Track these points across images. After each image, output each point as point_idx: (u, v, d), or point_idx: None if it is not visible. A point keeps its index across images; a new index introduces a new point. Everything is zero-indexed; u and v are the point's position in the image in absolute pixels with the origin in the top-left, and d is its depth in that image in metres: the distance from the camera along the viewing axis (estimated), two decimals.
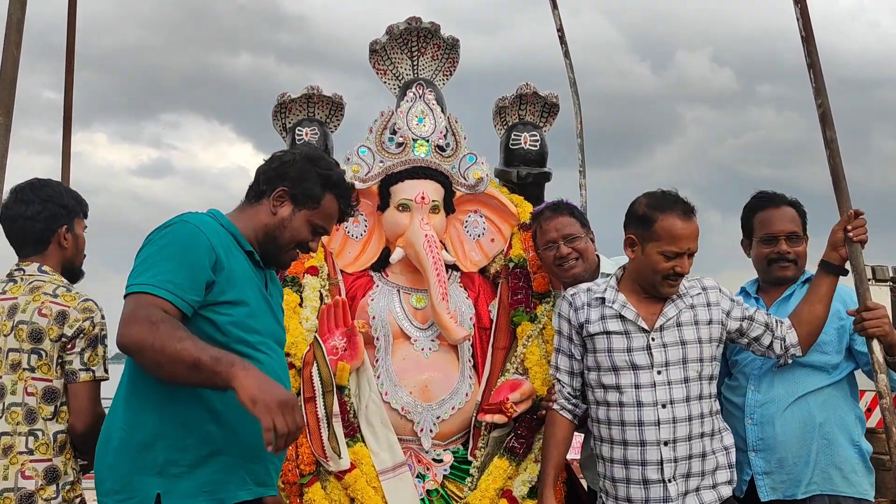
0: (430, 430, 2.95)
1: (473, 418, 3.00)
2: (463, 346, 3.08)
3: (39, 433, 2.32)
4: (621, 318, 2.46)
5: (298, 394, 2.87)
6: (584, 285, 2.62)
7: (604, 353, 2.46)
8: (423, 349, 3.05)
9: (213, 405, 1.93)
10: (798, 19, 2.74)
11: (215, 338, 1.91)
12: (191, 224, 1.96)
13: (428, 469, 2.95)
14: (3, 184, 2.42)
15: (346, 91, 3.67)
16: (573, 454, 3.12)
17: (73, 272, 2.56)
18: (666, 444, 2.37)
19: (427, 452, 2.96)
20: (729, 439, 2.50)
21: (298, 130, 3.45)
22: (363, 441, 2.87)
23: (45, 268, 2.47)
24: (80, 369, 2.35)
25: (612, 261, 3.01)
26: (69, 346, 2.35)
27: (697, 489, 2.40)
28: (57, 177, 3.31)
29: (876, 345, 2.52)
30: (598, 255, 3.04)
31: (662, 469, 2.37)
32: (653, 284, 2.47)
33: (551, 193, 3.62)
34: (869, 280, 2.65)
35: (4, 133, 2.30)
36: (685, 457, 2.38)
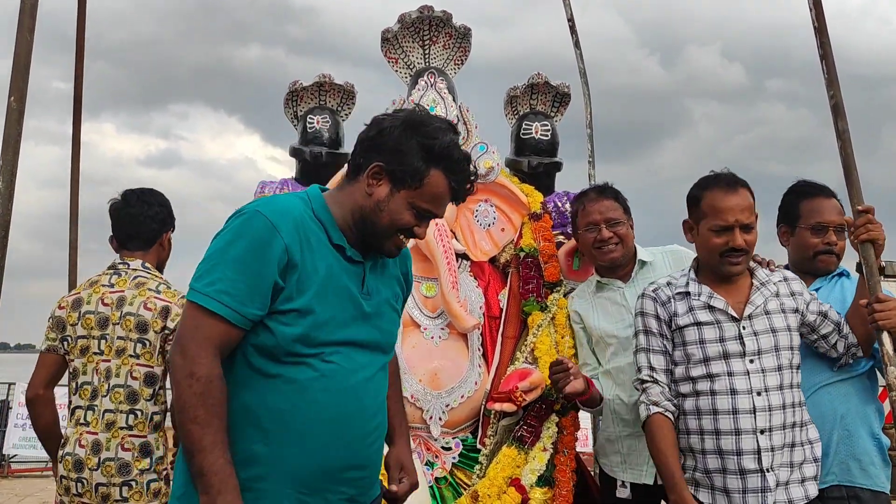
0: (440, 418, 2.98)
1: (482, 407, 3.03)
2: (472, 335, 3.11)
3: (139, 412, 2.64)
4: (710, 308, 2.43)
5: None
6: (662, 280, 2.57)
7: (695, 345, 2.41)
8: (432, 337, 3.07)
9: (262, 422, 1.71)
10: (811, 9, 2.74)
11: (272, 351, 1.71)
12: (263, 217, 1.70)
13: (437, 457, 2.98)
14: (16, 170, 2.45)
15: (355, 83, 3.67)
16: (580, 447, 3.13)
17: (160, 271, 2.88)
18: (763, 432, 2.32)
19: (436, 440, 2.99)
20: (814, 433, 2.45)
21: (310, 118, 3.47)
22: None
23: (147, 264, 2.80)
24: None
25: (649, 250, 3.01)
26: (171, 337, 2.63)
27: (787, 483, 2.35)
28: (66, 166, 3.38)
29: (886, 337, 2.52)
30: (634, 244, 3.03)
31: (760, 458, 2.31)
32: (714, 266, 2.45)
33: (560, 184, 3.64)
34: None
35: (18, 118, 2.32)
36: (781, 446, 2.34)
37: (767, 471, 2.31)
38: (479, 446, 3.02)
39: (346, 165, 3.35)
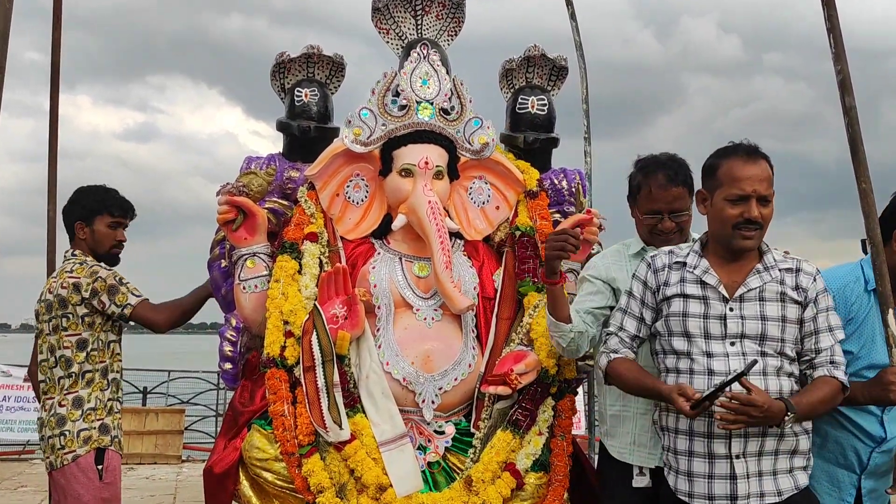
0: (432, 402, 2.97)
1: (476, 390, 3.02)
2: (466, 316, 3.09)
3: (73, 374, 3.26)
4: (702, 283, 2.41)
5: (297, 363, 2.90)
6: (666, 248, 2.57)
7: (678, 318, 2.40)
8: (425, 319, 3.06)
9: None
10: None
11: None
12: None
13: (429, 441, 2.98)
14: None
15: (343, 56, 3.62)
16: (574, 430, 3.13)
17: (101, 258, 3.40)
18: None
19: (429, 424, 2.99)
20: (809, 423, 2.41)
21: (298, 91, 3.42)
22: (363, 412, 2.90)
23: (75, 252, 3.41)
24: (120, 309, 3.25)
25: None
26: (98, 304, 3.25)
27: (774, 473, 2.33)
28: (41, 139, 3.48)
29: (891, 317, 2.53)
30: None
31: (730, 444, 2.29)
32: (726, 239, 2.40)
33: (557, 161, 3.62)
34: None
35: None
36: (757, 433, 2.29)
37: (737, 457, 2.29)
38: (472, 430, 3.01)
39: (333, 141, 3.34)
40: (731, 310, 2.37)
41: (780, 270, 2.43)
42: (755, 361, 2.29)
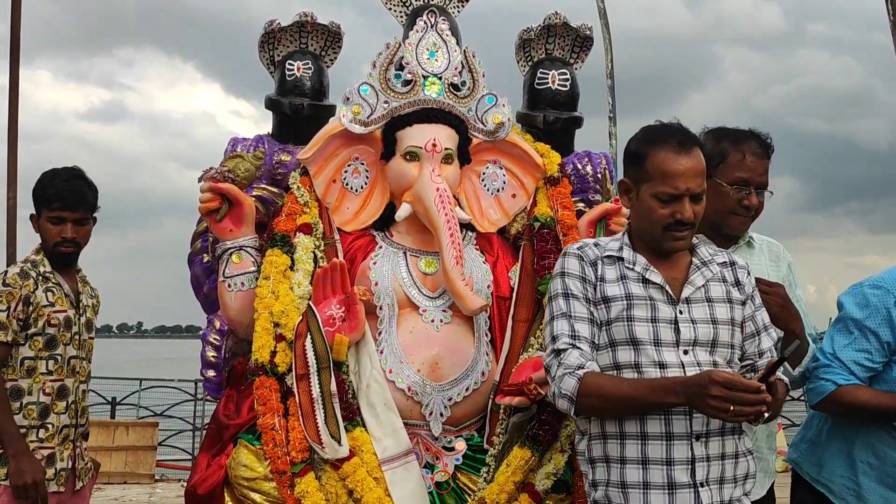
0: (441, 414, 2.97)
1: (490, 401, 3.02)
2: (479, 319, 3.09)
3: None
4: (644, 281, 2.34)
5: (290, 370, 2.89)
6: (589, 241, 2.49)
7: (622, 323, 2.30)
8: (432, 321, 3.06)
9: None
10: None
11: None
12: None
13: (437, 458, 2.98)
14: None
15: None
16: None
17: (50, 256, 3.42)
18: (698, 437, 2.23)
19: (437, 439, 2.98)
20: (749, 442, 2.40)
21: (289, 64, 3.43)
22: (363, 425, 2.89)
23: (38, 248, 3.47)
24: None
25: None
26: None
27: (730, 501, 2.29)
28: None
29: None
30: None
31: (693, 470, 2.23)
32: (654, 239, 2.36)
33: (580, 143, 3.62)
34: None
35: None
36: (718, 455, 2.26)
37: (701, 485, 2.23)
38: (486, 446, 3.01)
39: (329, 120, 3.33)
40: (681, 312, 2.32)
41: (717, 266, 2.42)
42: (798, 343, 2.26)
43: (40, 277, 3.34)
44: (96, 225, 3.53)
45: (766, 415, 2.13)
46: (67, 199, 3.37)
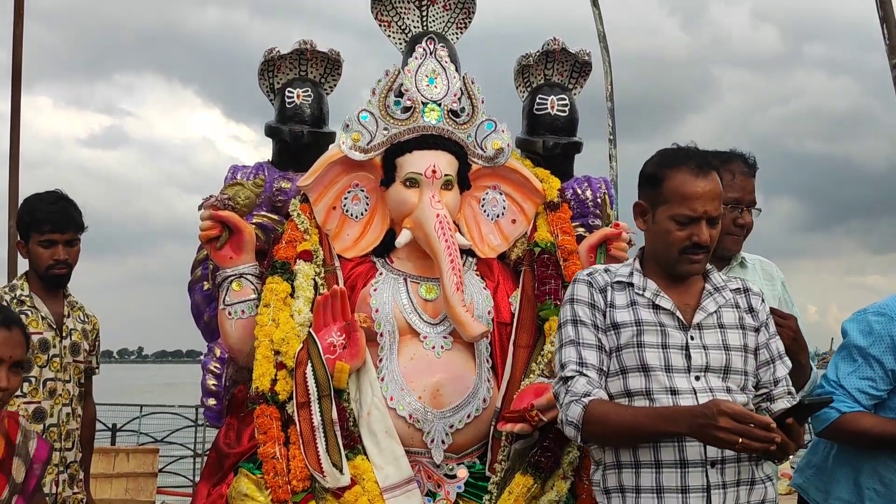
0: (442, 442, 2.96)
1: (492, 428, 3.01)
2: (480, 345, 3.09)
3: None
4: (654, 307, 2.34)
5: (290, 398, 2.89)
6: (599, 267, 2.51)
7: (632, 350, 2.29)
8: (433, 347, 3.05)
9: None
10: None
11: None
12: None
13: (439, 486, 2.96)
14: None
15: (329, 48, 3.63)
16: None
17: (44, 280, 3.44)
18: (713, 464, 2.20)
19: (438, 467, 2.97)
20: (770, 467, 2.38)
21: (289, 91, 3.44)
22: (364, 453, 2.88)
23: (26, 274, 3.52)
24: None
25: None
26: None
27: None
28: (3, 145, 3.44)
29: None
30: None
31: (709, 497, 2.19)
32: (670, 262, 2.35)
33: (580, 168, 3.63)
34: None
35: None
36: (734, 482, 2.23)
37: None
38: (488, 473, 3.00)
39: (329, 147, 3.34)
40: (692, 338, 2.31)
41: (731, 292, 2.42)
42: (830, 398, 2.24)
43: (15, 300, 3.35)
44: (97, 251, 3.60)
45: (775, 453, 2.11)
46: (57, 221, 3.39)
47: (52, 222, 3.38)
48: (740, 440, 2.03)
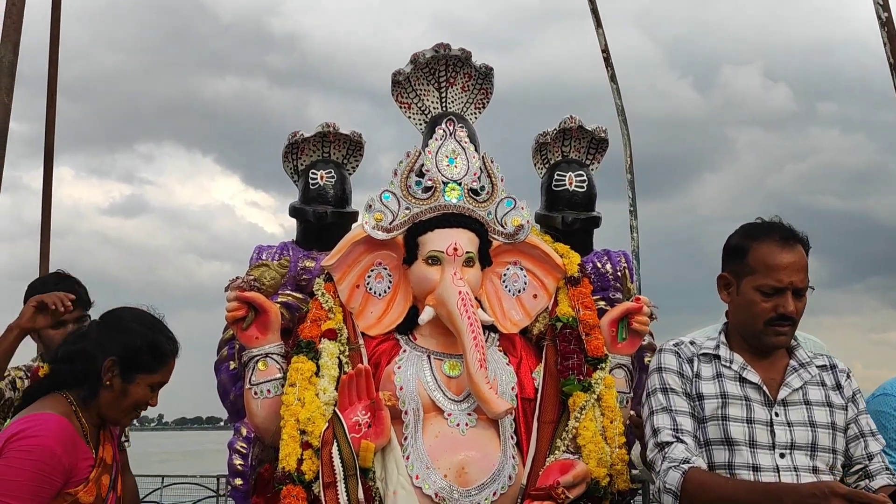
0: None
1: None
2: (504, 421, 3.09)
3: None
4: (741, 380, 2.34)
5: (316, 478, 2.90)
6: (683, 338, 2.49)
7: (717, 422, 2.30)
8: (458, 425, 3.06)
9: None
10: (880, 19, 2.77)
11: None
12: None
13: None
14: None
15: (346, 115, 3.70)
16: None
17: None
18: None
19: None
20: None
21: (312, 173, 3.51)
22: None
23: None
24: None
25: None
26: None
27: None
28: (17, 217, 3.54)
29: None
30: None
31: None
32: (755, 334, 2.36)
33: (599, 241, 3.67)
34: None
35: None
36: None
37: None
38: None
39: (352, 227, 3.37)
40: (777, 414, 2.30)
41: (816, 368, 2.41)
42: None
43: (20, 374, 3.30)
44: None
45: None
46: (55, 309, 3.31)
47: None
48: None
